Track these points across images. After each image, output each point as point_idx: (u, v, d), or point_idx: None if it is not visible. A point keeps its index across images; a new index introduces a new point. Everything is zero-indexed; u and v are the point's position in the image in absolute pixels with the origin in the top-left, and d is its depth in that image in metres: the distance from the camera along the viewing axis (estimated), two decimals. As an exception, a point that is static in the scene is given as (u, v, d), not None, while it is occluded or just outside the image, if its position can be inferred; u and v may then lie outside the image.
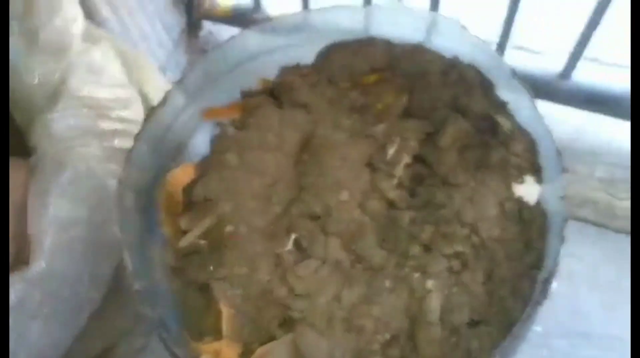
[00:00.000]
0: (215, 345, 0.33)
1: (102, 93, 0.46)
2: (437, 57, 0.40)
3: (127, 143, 0.46)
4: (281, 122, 0.38)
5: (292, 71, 0.43)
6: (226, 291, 0.32)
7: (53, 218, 0.41)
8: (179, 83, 0.39)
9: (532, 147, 0.35)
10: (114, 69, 0.47)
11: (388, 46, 0.42)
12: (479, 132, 0.36)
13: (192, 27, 0.82)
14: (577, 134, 0.70)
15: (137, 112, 0.48)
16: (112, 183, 0.44)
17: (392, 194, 0.35)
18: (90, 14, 0.57)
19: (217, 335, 0.33)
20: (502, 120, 0.36)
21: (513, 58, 0.74)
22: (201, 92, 0.42)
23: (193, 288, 0.35)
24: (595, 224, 0.68)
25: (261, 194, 0.35)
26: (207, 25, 0.84)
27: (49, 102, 0.43)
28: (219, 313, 0.32)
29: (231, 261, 0.33)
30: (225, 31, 0.84)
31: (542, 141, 0.35)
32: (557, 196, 0.32)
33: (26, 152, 0.45)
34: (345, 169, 0.36)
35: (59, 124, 0.43)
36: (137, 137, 0.36)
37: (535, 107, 0.35)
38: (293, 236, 0.34)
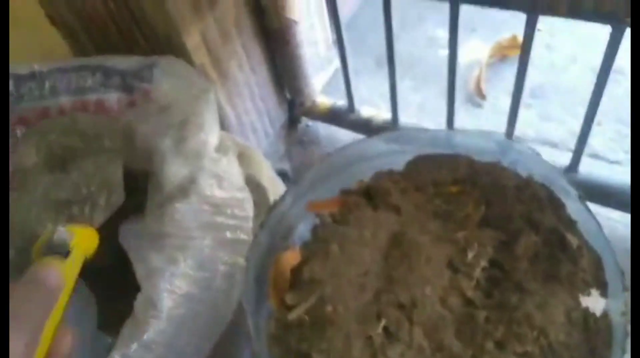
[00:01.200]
0: (310, 408, 0.39)
1: (222, 194, 0.54)
2: (513, 175, 0.47)
3: (237, 235, 0.55)
4: (376, 221, 0.46)
5: (385, 176, 0.51)
6: (324, 362, 0.39)
7: (172, 293, 0.49)
8: (295, 184, 0.49)
9: (597, 264, 0.40)
10: (235, 175, 0.57)
11: (470, 161, 0.49)
12: (548, 245, 0.42)
13: (292, 121, 0.94)
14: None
15: (248, 211, 0.56)
16: (222, 268, 0.53)
17: (470, 293, 0.41)
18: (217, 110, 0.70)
19: (312, 400, 0.39)
20: (570, 237, 0.41)
21: (589, 166, 0.78)
22: (309, 190, 0.51)
23: (292, 356, 0.41)
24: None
25: (357, 282, 0.42)
26: (304, 120, 0.97)
27: (179, 195, 0.52)
28: (315, 381, 0.39)
29: (330, 336, 0.40)
30: (320, 126, 0.96)
31: (607, 260, 0.40)
32: (619, 311, 0.37)
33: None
34: (429, 268, 0.42)
35: (186, 214, 0.52)
36: (261, 225, 0.46)
37: (601, 230, 0.40)
38: (383, 321, 0.40)
